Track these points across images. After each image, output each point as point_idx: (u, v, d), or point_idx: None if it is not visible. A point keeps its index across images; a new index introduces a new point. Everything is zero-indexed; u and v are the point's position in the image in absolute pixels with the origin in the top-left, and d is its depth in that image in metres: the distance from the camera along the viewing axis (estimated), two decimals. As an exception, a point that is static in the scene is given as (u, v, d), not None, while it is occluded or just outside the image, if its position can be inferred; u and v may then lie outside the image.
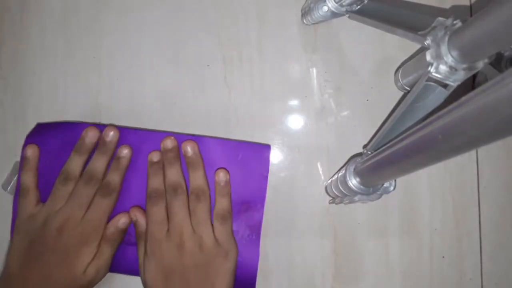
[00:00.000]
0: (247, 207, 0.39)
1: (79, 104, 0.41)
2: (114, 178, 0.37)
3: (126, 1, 0.42)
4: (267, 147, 0.39)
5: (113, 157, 0.38)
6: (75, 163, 0.37)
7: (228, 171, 0.38)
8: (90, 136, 0.38)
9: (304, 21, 0.41)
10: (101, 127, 0.39)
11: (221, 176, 0.37)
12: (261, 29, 0.42)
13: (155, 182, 0.37)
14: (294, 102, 0.42)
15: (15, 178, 0.39)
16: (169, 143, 0.38)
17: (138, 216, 0.37)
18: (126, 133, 0.39)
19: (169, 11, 0.42)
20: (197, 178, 0.37)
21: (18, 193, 0.37)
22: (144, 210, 0.38)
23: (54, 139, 0.39)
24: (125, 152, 0.38)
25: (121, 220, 0.37)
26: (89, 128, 0.38)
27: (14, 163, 0.40)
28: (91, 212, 0.36)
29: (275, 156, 0.41)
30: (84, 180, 0.36)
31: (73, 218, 0.35)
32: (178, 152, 0.38)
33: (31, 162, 0.38)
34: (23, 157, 0.38)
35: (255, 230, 0.38)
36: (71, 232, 0.35)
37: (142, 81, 0.42)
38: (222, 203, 0.37)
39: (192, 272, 0.34)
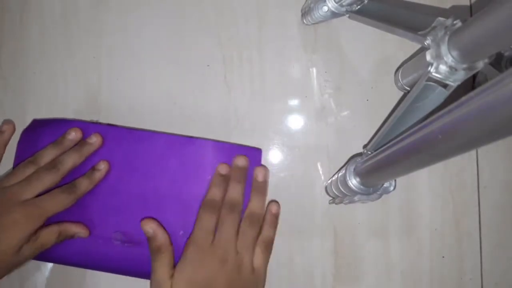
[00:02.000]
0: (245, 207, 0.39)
1: (79, 104, 0.41)
2: (83, 183, 0.37)
3: (126, 1, 0.42)
4: (258, 151, 0.40)
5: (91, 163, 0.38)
6: (47, 153, 0.37)
7: (280, 205, 0.39)
8: (72, 136, 0.38)
9: (304, 21, 0.41)
10: (95, 125, 0.39)
11: (274, 207, 0.39)
12: (261, 29, 0.42)
13: (216, 193, 0.37)
14: (294, 102, 0.42)
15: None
16: (242, 161, 0.38)
17: (155, 229, 0.36)
18: (123, 133, 0.39)
19: (169, 11, 0.42)
20: (256, 204, 0.38)
21: None
22: (157, 221, 0.37)
23: (49, 135, 0.39)
24: (102, 166, 0.38)
25: (76, 230, 0.37)
26: (74, 128, 0.38)
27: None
28: (42, 199, 0.35)
29: (275, 156, 0.41)
30: (47, 166, 0.36)
31: (16, 197, 0.34)
32: (247, 173, 0.38)
33: (5, 136, 0.39)
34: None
35: None
36: (9, 209, 0.34)
37: (142, 81, 0.42)
38: (269, 232, 0.38)
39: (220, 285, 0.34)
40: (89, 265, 0.38)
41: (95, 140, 0.38)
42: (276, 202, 0.39)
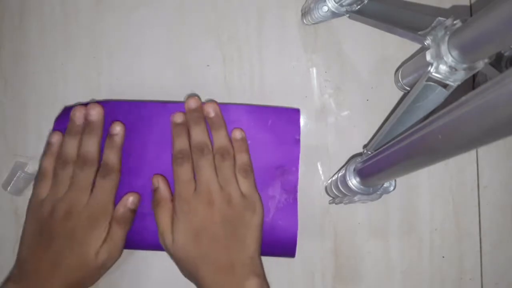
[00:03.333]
0: (282, 171, 0.39)
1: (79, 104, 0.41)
2: (111, 157, 0.37)
3: (126, 1, 0.42)
4: (296, 111, 0.40)
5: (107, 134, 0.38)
6: (69, 146, 0.37)
7: (243, 130, 0.39)
8: (78, 116, 0.38)
9: (304, 21, 0.41)
10: (124, 103, 0.39)
11: (237, 134, 0.38)
12: (261, 29, 0.42)
13: (181, 143, 0.37)
14: (294, 102, 0.42)
15: (15, 178, 0.39)
16: (192, 103, 0.38)
17: (160, 182, 0.37)
18: (156, 108, 0.39)
19: (169, 11, 0.42)
20: (221, 138, 0.38)
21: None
22: (164, 176, 0.38)
23: (81, 119, 0.38)
24: (117, 129, 0.38)
25: (130, 200, 0.37)
26: (76, 108, 0.38)
27: (14, 163, 0.40)
28: (95, 195, 0.36)
29: (275, 156, 0.41)
30: (79, 164, 0.36)
31: (78, 203, 0.35)
32: (202, 112, 0.38)
33: (53, 148, 0.38)
34: (48, 142, 0.38)
35: (292, 193, 0.39)
36: (78, 217, 0.35)
37: (142, 81, 0.42)
38: (242, 158, 0.38)
39: (222, 228, 0.35)
40: (139, 244, 0.39)
41: (94, 112, 0.38)
42: (238, 129, 0.39)
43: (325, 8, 0.37)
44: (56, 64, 0.42)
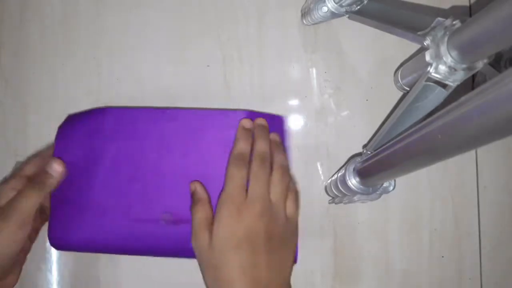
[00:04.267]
0: None
1: (79, 104, 0.41)
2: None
3: (126, 1, 0.42)
4: (281, 119, 0.41)
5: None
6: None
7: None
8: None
9: (304, 21, 0.41)
10: (126, 110, 0.39)
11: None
12: (261, 29, 0.42)
13: (243, 146, 0.36)
14: (294, 102, 0.42)
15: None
16: (263, 121, 0.39)
17: (197, 185, 0.37)
18: (156, 114, 0.39)
19: (169, 11, 0.42)
20: (281, 156, 0.38)
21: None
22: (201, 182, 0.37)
23: (85, 128, 0.39)
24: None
25: (54, 165, 0.37)
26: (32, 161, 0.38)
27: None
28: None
29: (275, 156, 0.41)
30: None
31: None
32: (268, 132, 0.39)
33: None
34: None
35: None
36: None
37: (142, 81, 0.42)
38: (295, 185, 0.38)
39: (267, 244, 0.33)
40: (139, 249, 0.38)
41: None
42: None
43: (325, 9, 0.37)
44: (56, 64, 0.42)
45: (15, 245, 0.34)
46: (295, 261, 0.37)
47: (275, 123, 0.40)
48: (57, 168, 0.37)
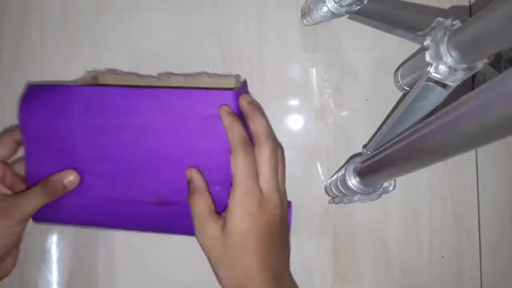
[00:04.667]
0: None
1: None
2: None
3: (126, 1, 0.42)
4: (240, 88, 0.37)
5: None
6: None
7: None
8: None
9: (304, 21, 0.41)
10: (90, 88, 0.37)
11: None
12: (261, 29, 0.42)
13: (241, 129, 0.33)
14: (293, 102, 0.42)
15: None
16: (248, 97, 0.36)
17: (193, 173, 0.35)
18: (126, 94, 0.36)
19: (169, 11, 0.42)
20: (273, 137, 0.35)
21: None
22: (197, 168, 0.35)
23: (48, 104, 0.36)
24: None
25: (70, 177, 0.36)
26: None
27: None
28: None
29: (275, 156, 0.41)
30: None
31: None
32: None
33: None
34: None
35: None
36: None
37: (142, 81, 0.42)
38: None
39: (280, 233, 0.33)
40: (125, 226, 0.37)
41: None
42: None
43: (325, 9, 0.37)
44: (56, 64, 0.42)
45: (12, 238, 0.34)
46: None
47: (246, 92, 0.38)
48: (73, 181, 0.36)
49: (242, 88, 0.38)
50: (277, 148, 0.34)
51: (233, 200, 0.32)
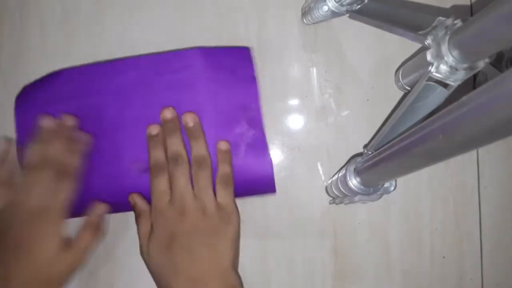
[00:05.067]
0: (244, 109, 0.39)
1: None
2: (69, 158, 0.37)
3: (126, 1, 0.42)
4: (246, 49, 0.40)
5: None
6: (35, 151, 0.37)
7: (228, 142, 0.38)
8: (48, 124, 0.38)
9: (304, 20, 0.41)
10: (80, 69, 0.40)
11: (223, 145, 0.38)
12: (261, 29, 0.42)
13: (156, 154, 0.37)
14: (294, 102, 0.41)
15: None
16: (168, 113, 0.38)
17: (136, 198, 0.38)
18: (111, 67, 0.39)
19: (169, 11, 0.42)
20: (198, 148, 0.37)
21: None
22: (138, 194, 0.38)
23: (45, 99, 0.39)
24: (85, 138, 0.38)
25: (101, 208, 0.38)
26: (44, 117, 0.38)
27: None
28: (38, 193, 0.35)
29: (275, 156, 0.41)
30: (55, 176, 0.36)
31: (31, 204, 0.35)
32: (178, 122, 0.38)
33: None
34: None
35: (258, 128, 0.39)
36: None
37: (142, 81, 0.41)
38: (224, 169, 0.37)
39: (195, 238, 0.34)
40: (121, 204, 0.38)
41: (70, 121, 0.38)
42: (223, 141, 0.38)
43: (325, 8, 0.37)
44: (56, 64, 0.42)
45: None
46: (272, 190, 0.39)
47: (240, 55, 0.40)
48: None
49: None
50: (200, 162, 0.37)
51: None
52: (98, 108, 0.39)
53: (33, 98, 0.40)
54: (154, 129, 0.38)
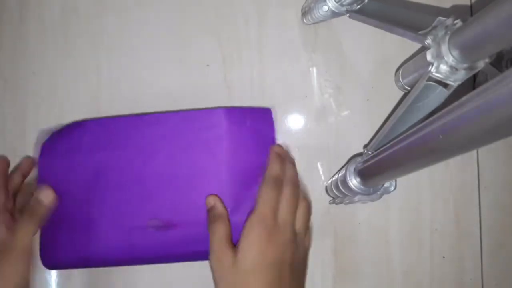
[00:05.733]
0: (264, 169, 0.38)
1: (79, 104, 0.41)
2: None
3: (126, 1, 0.42)
4: (268, 110, 0.40)
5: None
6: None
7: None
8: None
9: (305, 20, 0.41)
10: (102, 121, 0.39)
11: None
12: (261, 29, 0.42)
13: (278, 169, 0.36)
14: (294, 102, 0.41)
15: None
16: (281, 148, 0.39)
17: (216, 200, 0.36)
18: (134, 121, 0.39)
19: (169, 11, 0.42)
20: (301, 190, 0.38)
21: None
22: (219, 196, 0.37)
23: (66, 143, 0.39)
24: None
25: (44, 192, 0.37)
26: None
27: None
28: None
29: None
30: None
31: None
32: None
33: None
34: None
35: None
36: None
37: (142, 81, 0.41)
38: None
39: (290, 271, 0.33)
40: (128, 259, 0.38)
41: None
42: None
43: (325, 8, 0.37)
44: (55, 64, 0.42)
45: (24, 282, 0.34)
46: None
47: (262, 116, 0.39)
48: (48, 195, 0.36)
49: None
50: (298, 194, 0.36)
51: (247, 224, 0.34)
52: (121, 162, 0.38)
53: (56, 146, 0.39)
54: (280, 150, 0.38)
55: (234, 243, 0.34)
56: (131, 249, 0.37)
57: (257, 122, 0.39)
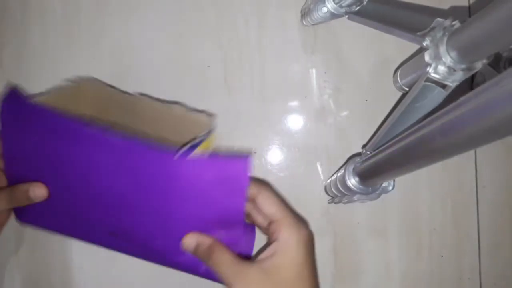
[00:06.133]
0: (226, 223, 0.32)
1: (80, 104, 0.41)
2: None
3: (127, 2, 0.42)
4: (245, 161, 0.29)
5: None
6: None
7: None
8: None
9: (304, 22, 0.41)
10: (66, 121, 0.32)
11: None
12: (261, 29, 0.42)
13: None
14: (293, 103, 0.42)
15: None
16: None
17: (197, 238, 0.32)
18: (96, 137, 0.31)
19: (169, 12, 0.42)
20: None
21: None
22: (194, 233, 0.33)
23: (21, 117, 0.33)
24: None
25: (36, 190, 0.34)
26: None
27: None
28: None
29: (275, 156, 0.41)
30: None
31: None
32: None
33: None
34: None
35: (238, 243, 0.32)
36: None
37: (142, 81, 0.42)
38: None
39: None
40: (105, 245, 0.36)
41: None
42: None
43: (325, 9, 0.37)
44: (57, 64, 0.42)
45: None
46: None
47: (234, 168, 0.29)
48: (39, 195, 0.33)
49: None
50: None
51: (285, 232, 0.30)
52: (70, 155, 0.32)
53: (17, 111, 0.33)
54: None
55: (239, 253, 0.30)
56: (93, 240, 0.36)
57: (229, 175, 0.30)
